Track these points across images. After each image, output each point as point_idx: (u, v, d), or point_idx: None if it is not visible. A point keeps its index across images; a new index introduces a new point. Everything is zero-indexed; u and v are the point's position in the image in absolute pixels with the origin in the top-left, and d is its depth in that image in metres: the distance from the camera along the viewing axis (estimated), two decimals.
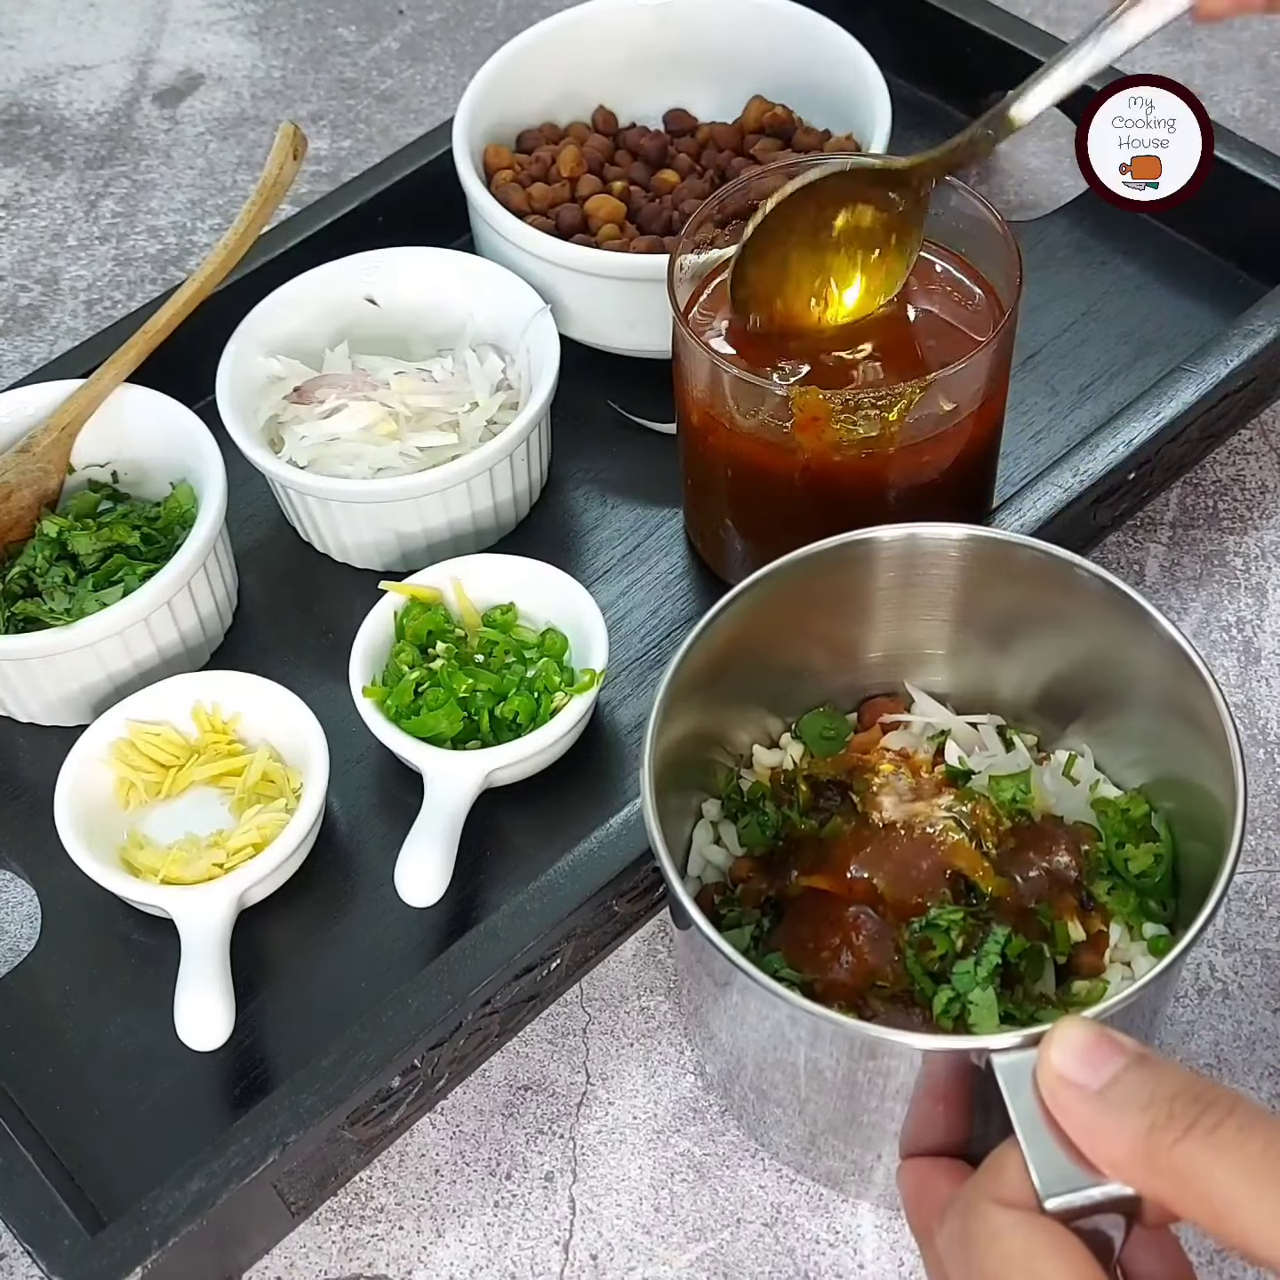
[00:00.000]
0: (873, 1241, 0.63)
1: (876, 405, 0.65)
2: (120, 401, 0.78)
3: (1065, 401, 0.84)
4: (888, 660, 0.68)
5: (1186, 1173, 0.43)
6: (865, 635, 0.67)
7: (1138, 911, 0.61)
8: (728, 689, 0.64)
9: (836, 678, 0.68)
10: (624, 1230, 0.64)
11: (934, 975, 0.59)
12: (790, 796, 0.65)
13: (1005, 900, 0.60)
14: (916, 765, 0.65)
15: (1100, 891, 0.62)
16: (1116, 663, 0.62)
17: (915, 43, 0.95)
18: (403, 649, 0.72)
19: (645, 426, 0.84)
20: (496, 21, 1.12)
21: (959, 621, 0.66)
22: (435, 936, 0.69)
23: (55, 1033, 0.68)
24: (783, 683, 0.67)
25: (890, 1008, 0.59)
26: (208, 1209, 0.58)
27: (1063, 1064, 0.46)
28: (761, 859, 0.64)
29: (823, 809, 0.65)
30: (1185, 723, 0.59)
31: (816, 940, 0.60)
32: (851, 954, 0.59)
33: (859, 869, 0.61)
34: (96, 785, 0.70)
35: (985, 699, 0.68)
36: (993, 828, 0.62)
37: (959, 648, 0.67)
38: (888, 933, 0.60)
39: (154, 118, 1.07)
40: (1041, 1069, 0.47)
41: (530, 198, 0.85)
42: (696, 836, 0.66)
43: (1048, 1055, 0.47)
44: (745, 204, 0.73)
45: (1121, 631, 0.61)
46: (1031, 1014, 0.59)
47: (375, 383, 0.79)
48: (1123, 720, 0.64)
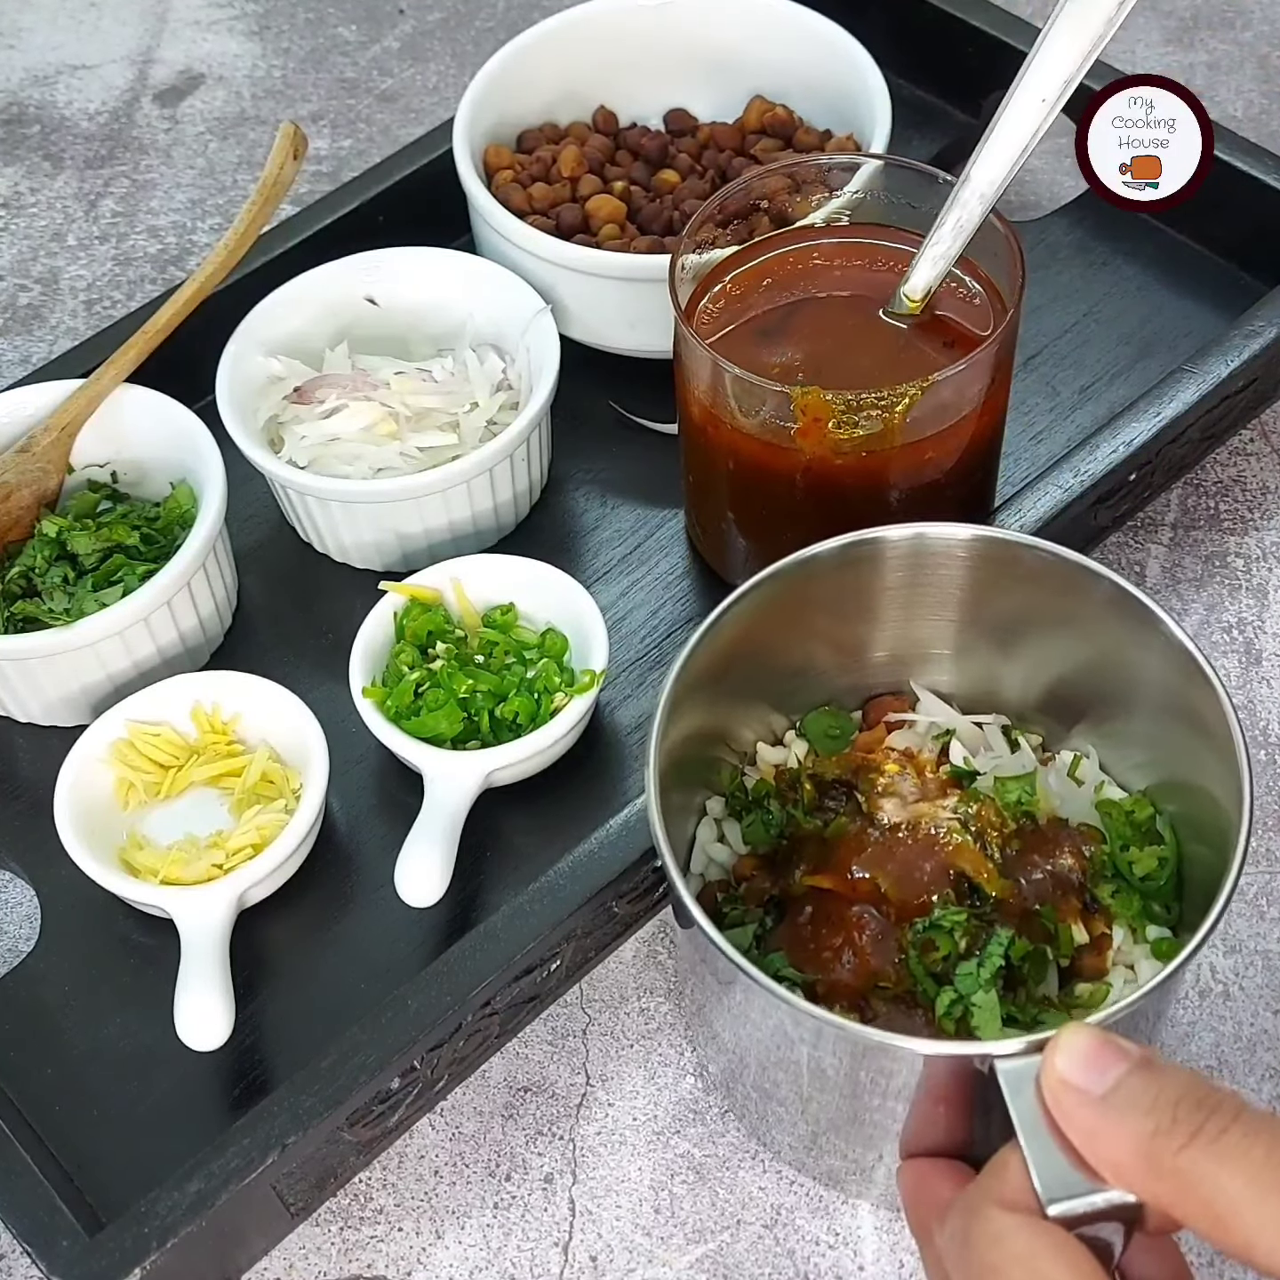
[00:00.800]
0: (873, 1243, 0.63)
1: (878, 405, 0.65)
2: (120, 401, 0.78)
3: (1066, 402, 0.84)
4: (893, 659, 0.68)
5: (1190, 1178, 0.43)
6: (870, 634, 0.67)
7: (1141, 914, 0.61)
8: (732, 686, 0.64)
9: (841, 676, 0.68)
10: (624, 1232, 0.64)
11: (936, 976, 0.59)
12: (795, 795, 0.65)
13: (1009, 902, 0.60)
14: (921, 765, 0.65)
15: (1104, 894, 0.61)
16: (1122, 664, 0.62)
17: (915, 43, 0.95)
18: (403, 649, 0.72)
19: (646, 426, 0.84)
20: (497, 21, 1.11)
21: (964, 621, 0.66)
22: (435, 937, 0.69)
23: (55, 1033, 0.68)
24: (787, 681, 0.67)
25: (892, 1009, 0.59)
26: (207, 1210, 0.58)
27: (1067, 1069, 0.46)
28: (765, 857, 0.64)
29: (827, 808, 0.65)
30: (1191, 726, 0.59)
31: (819, 940, 0.60)
32: (854, 954, 0.59)
33: (862, 869, 0.61)
34: (96, 785, 0.70)
35: (990, 699, 0.68)
36: (998, 830, 0.62)
37: (964, 647, 0.67)
38: (891, 933, 0.60)
39: (154, 117, 1.07)
40: (1045, 1073, 0.47)
41: (531, 198, 0.85)
42: (700, 834, 0.66)
43: (1051, 1060, 0.47)
44: (746, 204, 0.73)
45: (1127, 633, 0.61)
46: (1034, 1016, 0.59)
47: (375, 383, 0.78)
48: (1128, 722, 0.64)
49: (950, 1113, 0.54)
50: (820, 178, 0.74)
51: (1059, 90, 0.65)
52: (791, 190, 0.74)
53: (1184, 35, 1.06)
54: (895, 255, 0.72)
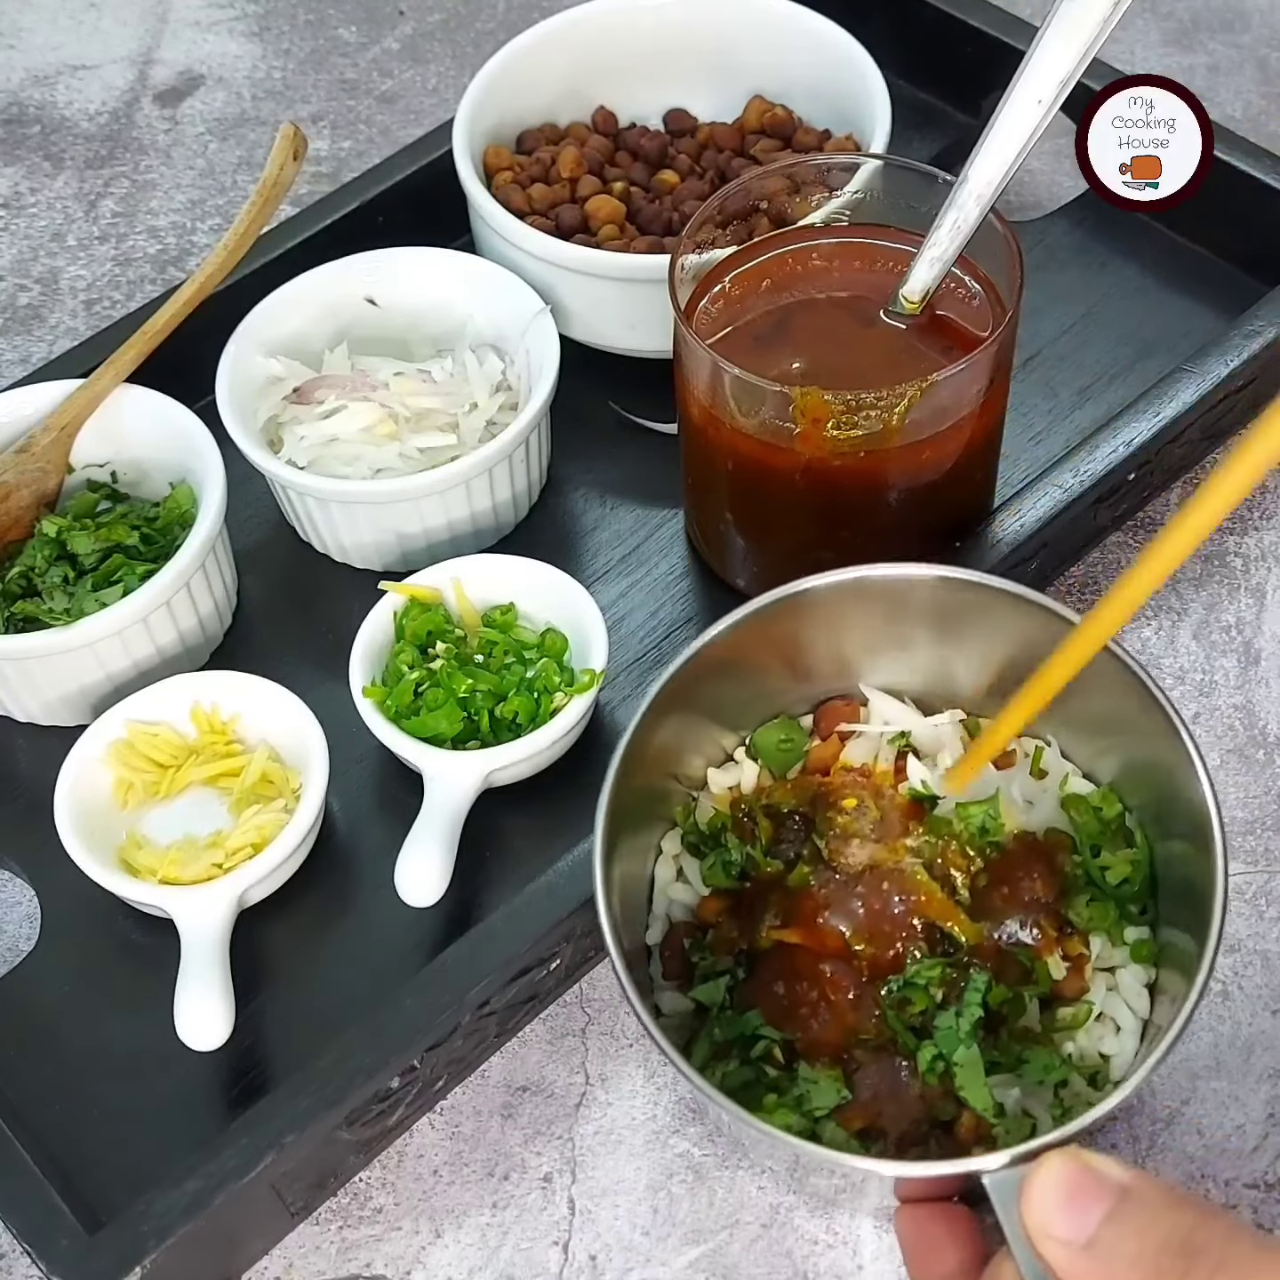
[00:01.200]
0: (871, 1243, 0.62)
1: (878, 405, 0.65)
2: (119, 401, 0.78)
3: (1065, 402, 0.84)
4: (843, 664, 0.66)
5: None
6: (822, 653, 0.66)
7: (1118, 922, 0.61)
8: (683, 716, 0.63)
9: (792, 690, 0.67)
10: (622, 1232, 0.64)
11: (916, 1030, 0.58)
12: (752, 828, 0.64)
13: (982, 945, 0.59)
14: (878, 784, 0.63)
15: (1079, 908, 0.60)
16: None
17: (915, 43, 0.95)
18: (402, 649, 0.72)
19: (646, 427, 0.84)
20: (497, 22, 1.12)
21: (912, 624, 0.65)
22: (434, 937, 0.69)
23: (55, 1033, 0.68)
24: (737, 703, 0.66)
25: (875, 1059, 0.58)
26: (206, 1209, 0.58)
27: (1047, 1218, 0.47)
28: (729, 899, 0.63)
29: (785, 841, 0.63)
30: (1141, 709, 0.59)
31: (793, 997, 0.59)
32: (830, 1012, 0.58)
33: (829, 922, 0.60)
34: (96, 785, 0.70)
35: (944, 690, 0.66)
36: (964, 871, 0.61)
37: (912, 643, 0.65)
38: (866, 989, 0.59)
39: (154, 118, 1.07)
40: (1027, 1217, 0.48)
41: (530, 198, 0.85)
42: (659, 874, 0.65)
43: (1031, 1207, 0.47)
44: (745, 204, 0.73)
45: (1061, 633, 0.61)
46: (1018, 1055, 0.58)
47: (375, 383, 0.79)
48: (1085, 702, 0.62)
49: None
50: (820, 178, 0.74)
51: (1055, 91, 0.65)
52: (791, 191, 0.74)
53: (1183, 37, 1.06)
54: (895, 256, 0.72)
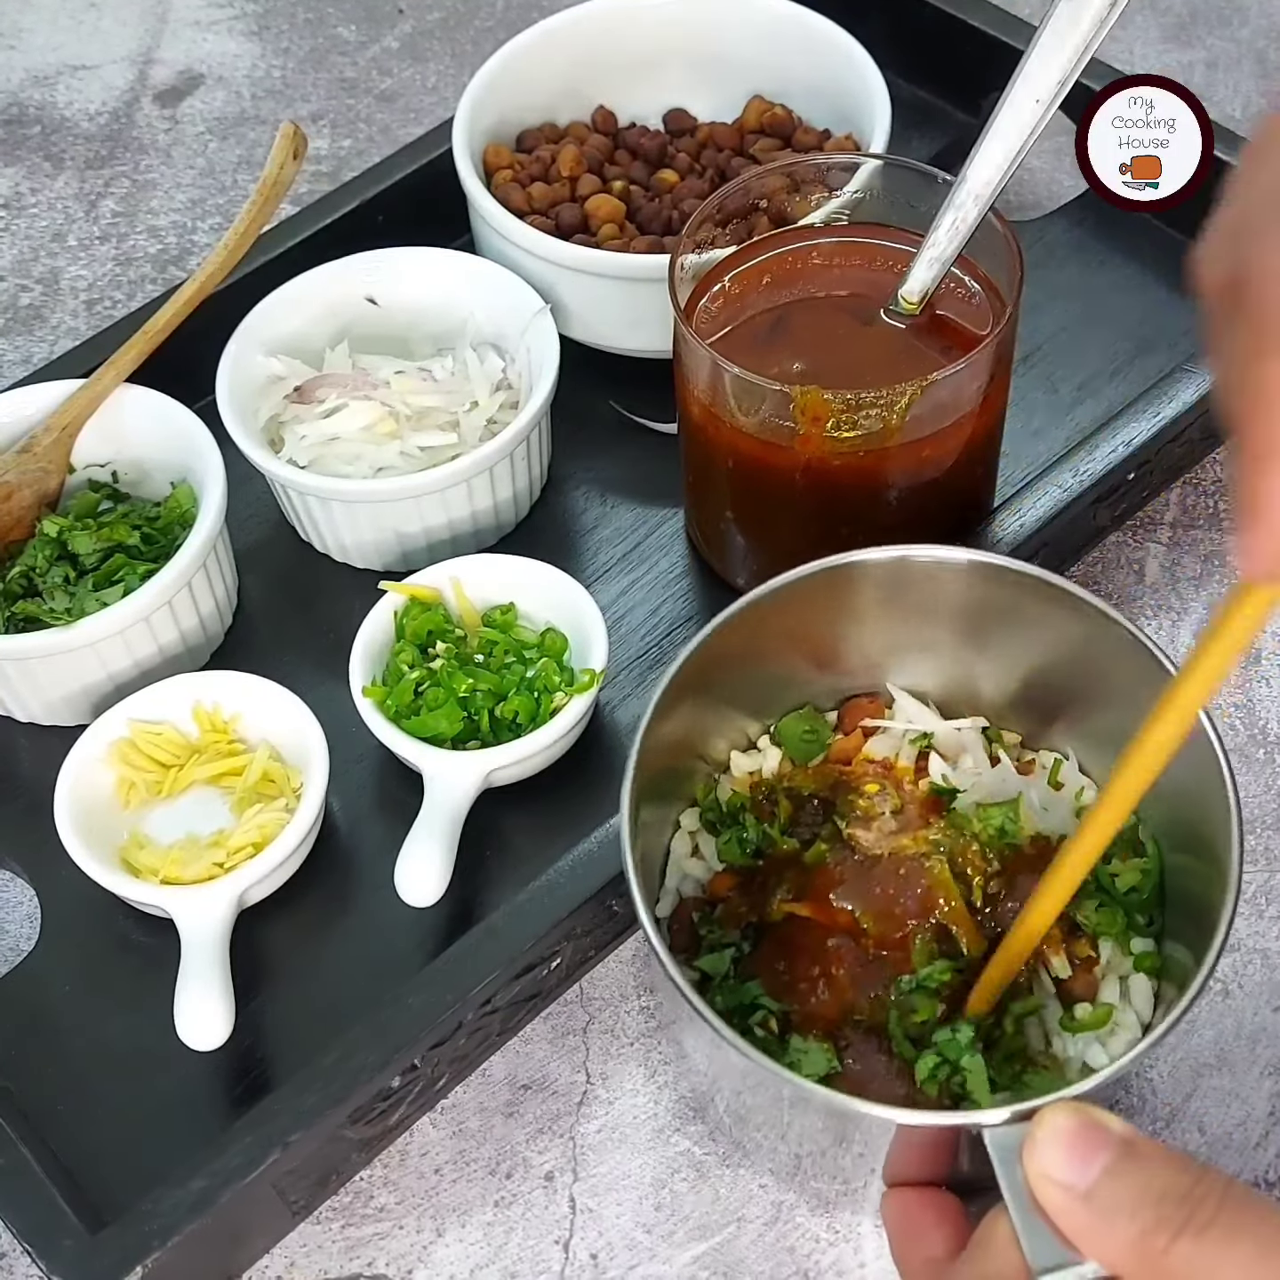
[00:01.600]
0: (873, 1240, 0.63)
1: (878, 404, 0.65)
2: (120, 401, 0.78)
3: (1065, 402, 0.84)
4: (869, 661, 0.67)
5: (1182, 1276, 0.44)
6: (848, 641, 0.66)
7: (1125, 930, 0.61)
8: (708, 698, 0.63)
9: (817, 680, 0.67)
10: (624, 1229, 0.64)
11: (914, 1040, 0.58)
12: (771, 809, 0.64)
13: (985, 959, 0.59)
14: (899, 777, 0.64)
15: (1088, 913, 0.60)
16: (1092, 660, 0.62)
17: (915, 42, 0.95)
18: (403, 649, 0.72)
19: (646, 426, 0.84)
20: (497, 21, 1.12)
21: (940, 623, 0.65)
22: (435, 936, 0.69)
23: (55, 1033, 0.68)
24: (763, 688, 0.66)
25: (866, 1040, 0.58)
26: (209, 1208, 0.58)
27: (1049, 1163, 0.47)
28: (741, 876, 0.63)
29: (804, 824, 0.63)
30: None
31: (795, 970, 0.59)
32: (830, 987, 0.59)
33: (842, 900, 0.60)
34: (97, 785, 0.70)
35: (968, 697, 0.67)
36: (981, 872, 0.61)
37: (940, 647, 0.66)
38: (868, 968, 0.59)
39: (154, 118, 1.07)
40: (1029, 1161, 0.48)
41: (530, 197, 0.85)
42: (674, 848, 0.65)
43: (1035, 1147, 0.47)
44: (745, 204, 0.73)
45: (1094, 634, 0.61)
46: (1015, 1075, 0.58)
47: (375, 382, 0.79)
48: (1105, 717, 0.63)
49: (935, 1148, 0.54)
50: (819, 177, 0.74)
51: (1053, 91, 0.65)
52: (790, 190, 0.74)
53: (1182, 33, 1.06)
54: (894, 255, 0.72)
